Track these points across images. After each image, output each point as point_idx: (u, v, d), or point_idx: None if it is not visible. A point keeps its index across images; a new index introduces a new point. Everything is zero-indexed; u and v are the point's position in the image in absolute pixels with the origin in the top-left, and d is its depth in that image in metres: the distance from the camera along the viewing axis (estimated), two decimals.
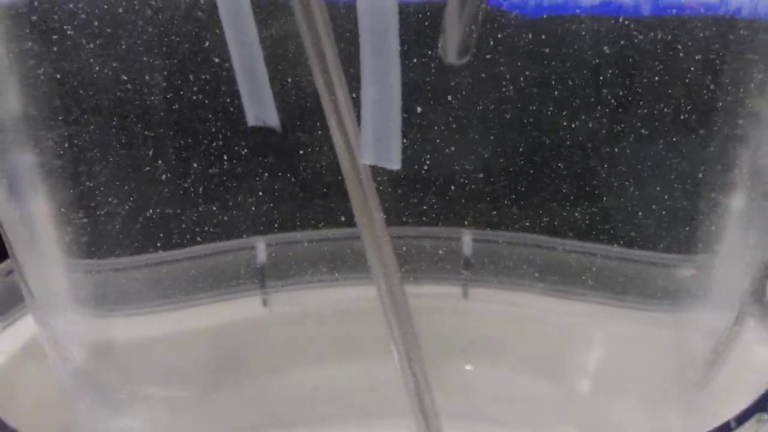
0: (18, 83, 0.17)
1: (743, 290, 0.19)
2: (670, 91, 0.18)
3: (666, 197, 0.18)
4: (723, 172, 0.17)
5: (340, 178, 0.18)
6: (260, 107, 0.18)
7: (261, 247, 0.22)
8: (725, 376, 0.19)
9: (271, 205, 0.20)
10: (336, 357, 0.22)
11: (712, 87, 0.18)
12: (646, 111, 0.18)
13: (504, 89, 0.19)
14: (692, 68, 0.17)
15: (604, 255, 0.19)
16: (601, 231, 0.19)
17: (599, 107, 0.18)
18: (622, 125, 0.18)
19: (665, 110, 0.18)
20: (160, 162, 0.17)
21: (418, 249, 0.22)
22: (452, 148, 0.19)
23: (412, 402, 0.21)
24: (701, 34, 0.17)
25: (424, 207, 0.21)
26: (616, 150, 0.18)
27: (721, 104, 0.17)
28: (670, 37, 0.17)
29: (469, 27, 0.18)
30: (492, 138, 0.19)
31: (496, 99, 0.19)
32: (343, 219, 0.20)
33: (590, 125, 0.18)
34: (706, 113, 0.17)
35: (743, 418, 0.15)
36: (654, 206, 0.18)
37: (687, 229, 0.19)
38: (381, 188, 0.18)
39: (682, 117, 0.18)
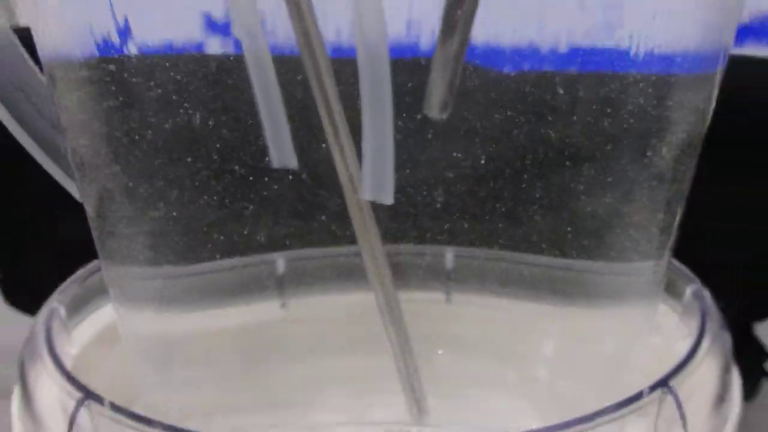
0: (101, 126, 0.21)
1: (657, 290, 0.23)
2: (612, 141, 0.22)
3: (602, 220, 0.23)
4: (641, 207, 0.22)
5: (345, 207, 0.21)
6: (282, 153, 0.22)
7: (281, 262, 0.25)
8: (652, 364, 0.24)
9: (290, 228, 0.24)
10: (342, 349, 0.26)
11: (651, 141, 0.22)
12: (588, 156, 0.22)
13: (479, 136, 0.23)
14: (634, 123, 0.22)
15: (554, 266, 0.23)
16: (549, 248, 0.23)
17: (549, 151, 0.22)
18: (571, 166, 0.22)
19: (606, 156, 0.22)
20: (208, 198, 0.22)
21: (410, 263, 0.25)
22: (437, 186, 0.23)
23: (404, 384, 0.24)
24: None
25: (415, 230, 0.25)
26: (565, 187, 0.22)
27: (642, 152, 0.22)
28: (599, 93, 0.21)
29: (448, 86, 0.22)
30: (469, 178, 0.23)
31: (472, 145, 0.23)
32: (346, 239, 0.23)
33: (544, 167, 0.22)
34: (634, 159, 0.22)
35: (653, 388, 0.20)
36: (592, 227, 0.23)
37: (621, 243, 0.23)
38: (378, 215, 0.22)
39: (620, 163, 0.22)
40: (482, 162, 0.22)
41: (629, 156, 0.21)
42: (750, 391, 0.34)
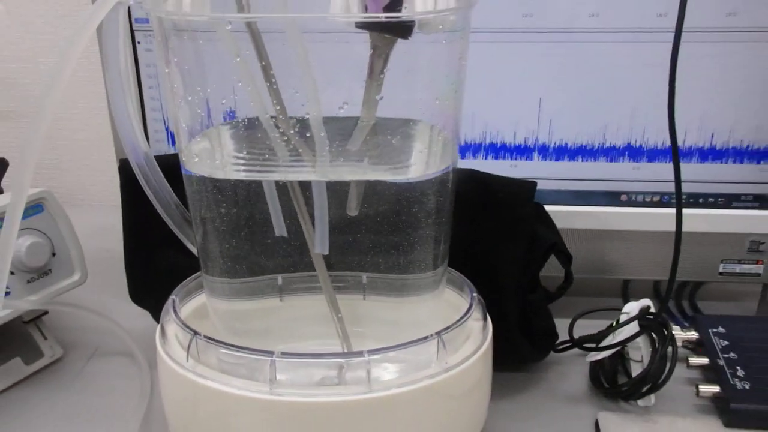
0: (203, 209, 0.46)
1: (441, 287, 0.47)
2: (415, 217, 0.46)
3: (413, 255, 0.46)
4: (427, 247, 0.46)
5: (309, 254, 0.44)
6: (280, 228, 0.46)
7: (280, 279, 0.48)
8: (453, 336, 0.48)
9: (284, 263, 0.46)
10: (311, 322, 0.48)
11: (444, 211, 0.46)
12: (406, 226, 0.45)
13: (372, 219, 0.46)
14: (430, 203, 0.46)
15: (404, 279, 0.47)
16: (394, 270, 0.47)
17: (391, 226, 0.46)
18: (399, 233, 0.46)
19: (413, 224, 0.45)
20: (246, 247, 0.46)
21: (344, 280, 0.47)
22: (353, 244, 0.45)
23: (341, 339, 0.47)
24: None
25: (346, 263, 0.47)
26: (398, 243, 0.46)
27: (427, 218, 0.46)
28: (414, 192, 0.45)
29: (357, 200, 0.46)
30: (369, 240, 0.45)
31: (371, 225, 0.45)
32: (310, 268, 0.44)
33: (390, 234, 0.46)
34: (424, 223, 0.46)
35: (436, 335, 0.44)
36: (408, 259, 0.46)
37: (420, 264, 0.45)
38: (326, 258, 0.46)
39: (419, 226, 0.46)
40: (370, 232, 0.46)
41: (421, 222, 0.44)
42: (540, 357, 0.58)
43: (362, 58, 0.40)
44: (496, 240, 0.52)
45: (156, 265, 0.57)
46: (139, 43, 0.60)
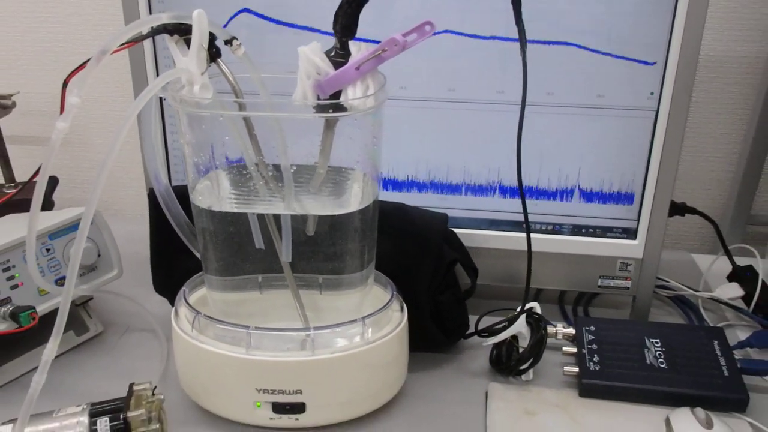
0: (206, 229, 0.66)
1: (368, 283, 0.66)
2: (349, 236, 0.65)
3: (348, 260, 0.66)
4: (357, 255, 0.65)
5: (278, 260, 0.65)
6: (259, 242, 0.65)
7: (260, 278, 0.67)
8: (375, 320, 0.67)
9: (263, 265, 0.66)
10: (281, 308, 0.66)
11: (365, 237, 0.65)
12: (348, 239, 0.65)
13: (324, 237, 0.66)
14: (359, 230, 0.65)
15: (339, 279, 0.67)
16: (335, 271, 0.66)
17: (335, 238, 0.66)
18: (339, 245, 0.66)
19: (348, 239, 0.65)
20: (236, 254, 0.66)
21: (305, 280, 0.66)
22: (309, 253, 0.66)
23: (300, 318, 0.67)
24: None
25: (305, 267, 0.67)
26: (341, 248, 0.66)
27: (356, 234, 0.65)
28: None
29: (313, 224, 0.65)
30: (318, 250, 0.66)
31: (321, 240, 0.66)
32: (280, 270, 0.65)
33: (334, 243, 0.66)
34: (355, 238, 0.65)
35: (362, 319, 0.63)
36: (343, 264, 0.66)
37: (353, 266, 0.65)
38: (292, 263, 0.66)
39: (352, 241, 0.65)
40: (321, 245, 0.66)
41: (354, 236, 0.63)
42: (452, 343, 0.77)
43: (318, 127, 0.59)
44: (412, 254, 0.71)
45: (173, 266, 0.75)
46: (164, 99, 0.80)
